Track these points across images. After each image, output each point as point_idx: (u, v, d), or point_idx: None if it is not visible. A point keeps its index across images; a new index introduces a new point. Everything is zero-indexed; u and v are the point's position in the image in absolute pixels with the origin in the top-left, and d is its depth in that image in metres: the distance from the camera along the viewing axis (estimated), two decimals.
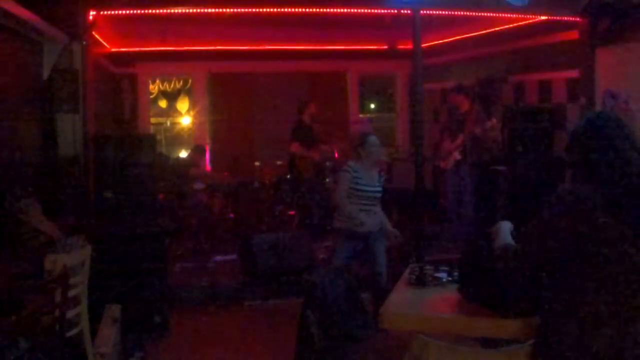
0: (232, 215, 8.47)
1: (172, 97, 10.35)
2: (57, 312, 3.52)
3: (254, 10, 6.23)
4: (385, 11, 6.47)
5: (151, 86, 10.11)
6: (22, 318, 3.02)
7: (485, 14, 6.79)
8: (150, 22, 7.06)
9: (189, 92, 10.30)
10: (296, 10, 6.32)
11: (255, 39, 9.08)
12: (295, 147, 8.23)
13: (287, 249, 6.46)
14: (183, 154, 9.67)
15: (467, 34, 8.42)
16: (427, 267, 3.27)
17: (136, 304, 5.15)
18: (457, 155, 7.37)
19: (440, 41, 9.00)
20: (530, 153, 6.56)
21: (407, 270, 3.30)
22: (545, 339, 2.16)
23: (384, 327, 2.80)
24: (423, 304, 2.82)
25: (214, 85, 10.09)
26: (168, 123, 10.43)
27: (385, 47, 9.93)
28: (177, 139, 10.19)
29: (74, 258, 3.94)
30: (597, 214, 2.04)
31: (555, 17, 6.70)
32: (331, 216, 5.54)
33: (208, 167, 9.95)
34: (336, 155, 8.46)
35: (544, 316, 2.23)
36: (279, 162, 9.11)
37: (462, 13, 6.67)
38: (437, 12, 6.35)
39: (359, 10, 6.45)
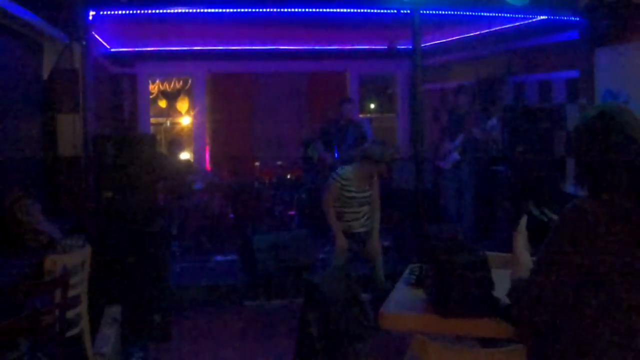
0: (232, 215, 8.47)
1: (172, 97, 10.35)
2: (57, 312, 3.52)
3: (254, 10, 6.23)
4: (385, 11, 6.47)
5: (151, 86, 10.11)
6: (22, 318, 3.02)
7: (485, 14, 6.79)
8: (150, 22, 7.05)
9: (189, 92, 10.30)
10: (296, 10, 6.32)
11: (255, 39, 9.08)
12: (318, 149, 8.03)
13: (287, 249, 6.46)
14: (184, 154, 9.67)
15: (467, 34, 8.41)
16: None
17: (136, 304, 5.15)
18: (456, 156, 7.37)
19: (440, 41, 8.99)
20: (530, 153, 6.56)
21: (407, 271, 3.30)
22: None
23: (384, 327, 2.79)
24: (423, 304, 2.81)
25: (214, 85, 10.08)
26: (168, 123, 10.43)
27: (385, 47, 9.93)
28: (182, 139, 10.17)
29: (74, 258, 3.94)
30: (601, 228, 1.87)
31: (555, 17, 6.70)
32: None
33: (208, 167, 9.95)
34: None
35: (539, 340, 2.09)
36: (279, 162, 9.12)
37: (462, 13, 6.67)
38: (437, 12, 6.36)
39: (359, 10, 6.44)
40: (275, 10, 6.27)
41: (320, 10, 6.39)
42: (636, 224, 1.88)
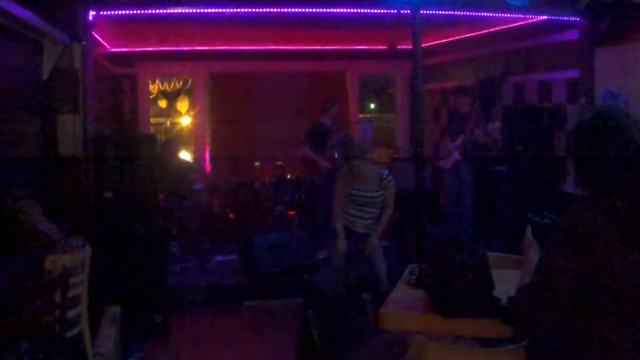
0: (232, 215, 8.47)
1: (172, 97, 10.34)
2: (57, 312, 3.52)
3: (254, 10, 6.23)
4: (385, 11, 6.47)
5: (151, 86, 10.11)
6: (22, 318, 3.02)
7: (485, 14, 6.79)
8: (150, 22, 7.05)
9: (189, 92, 10.30)
10: (296, 10, 6.32)
11: (255, 39, 9.08)
12: (305, 150, 7.91)
13: (287, 249, 6.46)
14: (183, 154, 9.67)
15: (467, 34, 8.42)
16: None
17: (136, 304, 5.15)
18: (456, 156, 7.36)
19: (440, 41, 8.99)
20: (530, 153, 6.56)
21: (407, 270, 3.30)
22: None
23: (384, 327, 2.80)
24: (423, 304, 2.82)
25: (214, 85, 10.08)
26: (168, 123, 10.42)
27: (385, 47, 9.93)
28: (178, 139, 10.17)
29: (74, 258, 3.94)
30: (602, 231, 1.86)
31: (555, 17, 6.70)
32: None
33: (208, 167, 9.95)
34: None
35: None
36: (279, 162, 9.11)
37: (462, 13, 6.67)
38: (437, 12, 6.36)
39: (359, 10, 6.44)
40: (275, 10, 6.26)
41: (320, 10, 6.39)
42: (637, 225, 1.87)
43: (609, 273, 1.87)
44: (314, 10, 6.34)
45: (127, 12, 5.97)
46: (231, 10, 6.17)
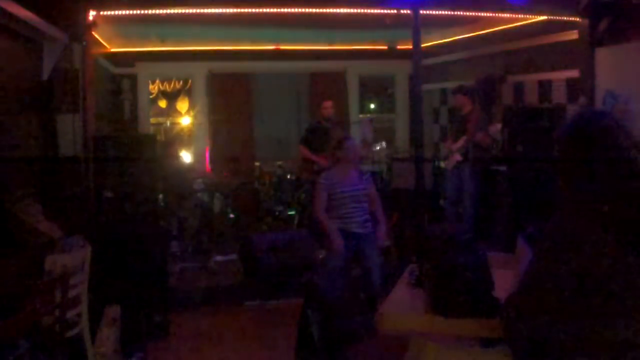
0: (232, 216, 8.47)
1: (172, 97, 10.34)
2: (57, 312, 3.52)
3: (254, 10, 6.23)
4: (385, 11, 6.47)
5: (151, 86, 10.11)
6: (22, 318, 3.02)
7: (485, 14, 6.79)
8: (150, 22, 7.05)
9: (189, 92, 10.30)
10: (296, 10, 6.32)
11: (255, 39, 9.09)
12: (302, 151, 8.06)
13: (287, 249, 6.46)
14: (183, 154, 9.68)
15: (467, 34, 8.42)
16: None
17: (136, 304, 5.15)
18: (458, 157, 7.36)
19: (440, 41, 9.00)
20: (530, 153, 6.56)
21: (407, 270, 3.30)
22: None
23: (383, 327, 2.80)
24: (423, 304, 2.81)
25: (214, 85, 10.08)
26: (168, 123, 10.43)
27: (385, 47, 9.93)
28: (177, 139, 10.17)
29: (74, 258, 3.94)
30: (591, 236, 1.85)
31: (555, 17, 6.70)
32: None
33: (208, 167, 9.95)
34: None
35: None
36: (279, 162, 9.11)
37: (462, 13, 6.67)
38: (437, 12, 6.36)
39: (359, 11, 6.44)
40: (275, 10, 6.26)
41: (321, 10, 6.39)
42: (625, 229, 1.86)
43: (597, 277, 1.86)
44: (314, 10, 6.33)
45: (127, 12, 5.97)
46: (231, 10, 6.16)
